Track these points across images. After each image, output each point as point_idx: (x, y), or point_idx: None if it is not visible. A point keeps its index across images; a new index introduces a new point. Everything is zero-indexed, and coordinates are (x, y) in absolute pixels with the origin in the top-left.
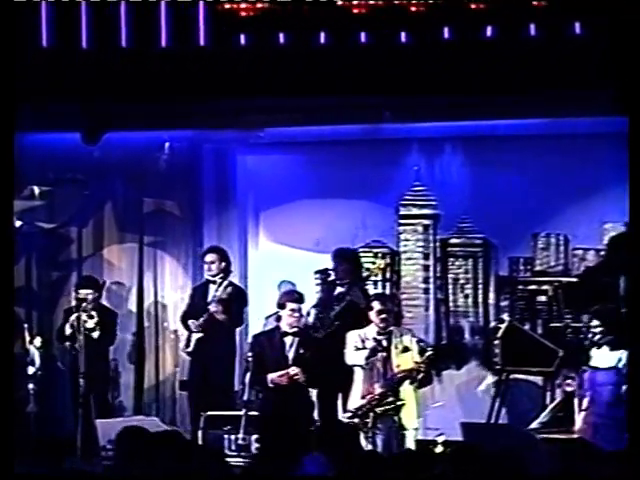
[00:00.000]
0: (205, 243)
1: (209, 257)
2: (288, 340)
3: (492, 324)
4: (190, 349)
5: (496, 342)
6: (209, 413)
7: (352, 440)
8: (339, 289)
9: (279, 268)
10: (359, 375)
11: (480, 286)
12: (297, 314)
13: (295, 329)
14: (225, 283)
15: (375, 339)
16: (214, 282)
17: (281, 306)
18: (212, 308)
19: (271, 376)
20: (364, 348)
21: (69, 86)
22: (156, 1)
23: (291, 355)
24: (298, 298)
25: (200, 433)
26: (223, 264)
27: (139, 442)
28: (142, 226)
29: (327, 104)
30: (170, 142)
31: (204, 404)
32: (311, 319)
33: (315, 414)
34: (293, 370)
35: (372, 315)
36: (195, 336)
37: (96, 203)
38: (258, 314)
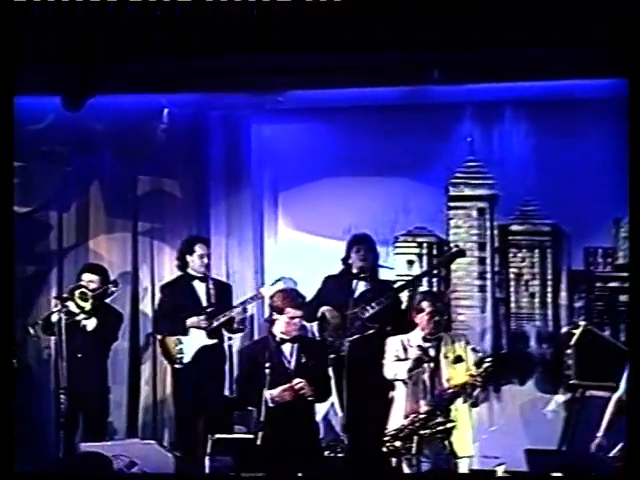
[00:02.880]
0: (212, 230)
1: (200, 249)
2: (286, 348)
3: (564, 329)
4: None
5: (569, 351)
6: (217, 436)
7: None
8: (369, 285)
9: (301, 261)
10: (401, 391)
11: (549, 283)
12: (296, 321)
13: (293, 334)
14: None
15: (420, 347)
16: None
17: (278, 310)
18: None
19: (271, 393)
20: (406, 359)
21: (46, 40)
22: None
23: (292, 365)
24: (301, 303)
25: (207, 459)
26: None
27: None
28: (136, 210)
29: (360, 62)
30: (169, 108)
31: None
32: (337, 320)
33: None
34: (297, 383)
35: (419, 318)
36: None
37: (80, 182)
38: None
